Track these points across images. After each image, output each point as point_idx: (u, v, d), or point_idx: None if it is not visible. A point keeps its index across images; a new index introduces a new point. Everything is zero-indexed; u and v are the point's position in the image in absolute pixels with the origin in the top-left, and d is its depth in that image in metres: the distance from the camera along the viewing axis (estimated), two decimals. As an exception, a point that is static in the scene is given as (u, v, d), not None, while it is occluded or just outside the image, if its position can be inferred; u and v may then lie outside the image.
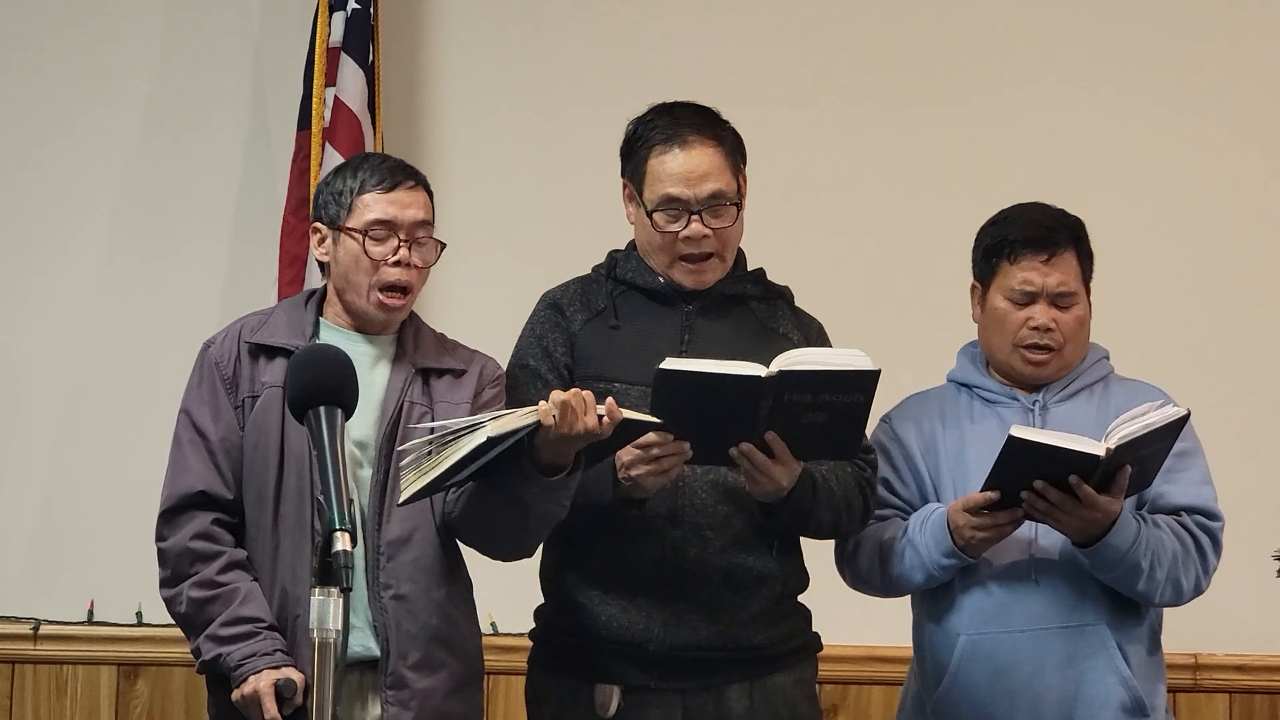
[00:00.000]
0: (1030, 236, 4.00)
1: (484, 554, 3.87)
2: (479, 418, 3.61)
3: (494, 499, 3.73)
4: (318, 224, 3.87)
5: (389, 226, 3.80)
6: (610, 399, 3.64)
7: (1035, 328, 3.99)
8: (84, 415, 5.36)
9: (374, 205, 3.81)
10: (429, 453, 3.62)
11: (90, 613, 5.27)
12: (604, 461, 3.77)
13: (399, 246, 3.80)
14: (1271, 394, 5.27)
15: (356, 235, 3.80)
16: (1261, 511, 5.09)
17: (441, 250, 3.87)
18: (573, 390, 3.62)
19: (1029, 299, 4.00)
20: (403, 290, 3.81)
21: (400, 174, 3.85)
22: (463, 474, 3.66)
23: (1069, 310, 4.01)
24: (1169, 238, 5.32)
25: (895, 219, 5.35)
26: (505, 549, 3.85)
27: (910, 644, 4.12)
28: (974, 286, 4.09)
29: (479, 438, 3.55)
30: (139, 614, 5.18)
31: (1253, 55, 5.35)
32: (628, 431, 3.69)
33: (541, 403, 3.61)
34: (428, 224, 3.85)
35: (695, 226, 3.91)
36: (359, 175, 3.84)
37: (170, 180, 5.41)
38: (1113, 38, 5.37)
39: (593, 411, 3.61)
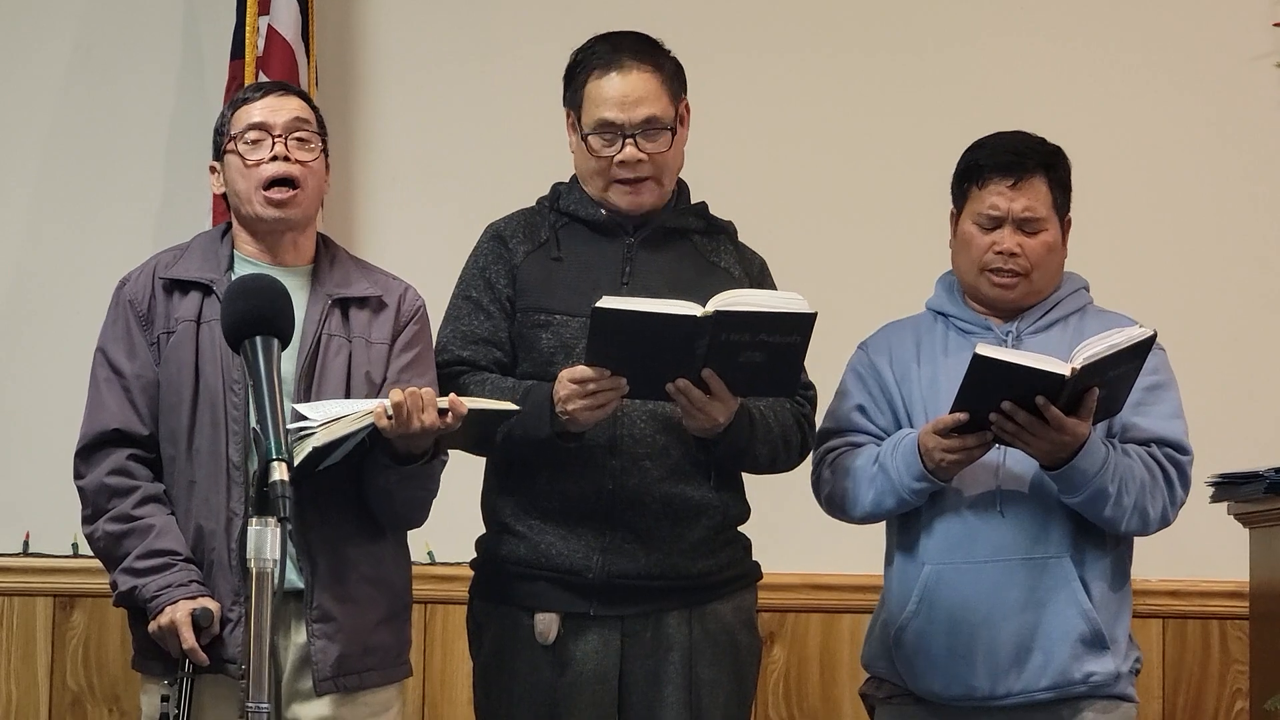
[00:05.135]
0: (999, 162, 4.02)
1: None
2: (313, 420, 3.59)
3: (363, 481, 3.76)
4: (213, 163, 3.91)
5: (263, 129, 3.82)
6: (453, 394, 3.68)
7: (1000, 252, 4.00)
8: (16, 347, 5.33)
9: (245, 115, 3.84)
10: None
11: (25, 544, 5.25)
12: (542, 395, 3.80)
13: (274, 143, 3.81)
14: (1222, 324, 5.29)
15: (234, 147, 3.82)
16: (1197, 438, 5.12)
17: (324, 144, 3.86)
18: (410, 390, 3.63)
19: (995, 223, 4.01)
20: (288, 185, 3.81)
21: (273, 87, 3.91)
22: (325, 463, 3.66)
23: (1036, 236, 4.01)
24: (1148, 176, 5.31)
25: (858, 154, 5.35)
26: (390, 525, 3.85)
27: (851, 573, 4.14)
28: (951, 213, 4.10)
29: (306, 447, 3.56)
30: (74, 545, 5.16)
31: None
32: (486, 419, 3.71)
33: (378, 403, 3.63)
34: (304, 121, 3.86)
35: (629, 150, 3.91)
36: (235, 98, 3.91)
37: (102, 111, 5.37)
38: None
39: (431, 409, 3.62)
